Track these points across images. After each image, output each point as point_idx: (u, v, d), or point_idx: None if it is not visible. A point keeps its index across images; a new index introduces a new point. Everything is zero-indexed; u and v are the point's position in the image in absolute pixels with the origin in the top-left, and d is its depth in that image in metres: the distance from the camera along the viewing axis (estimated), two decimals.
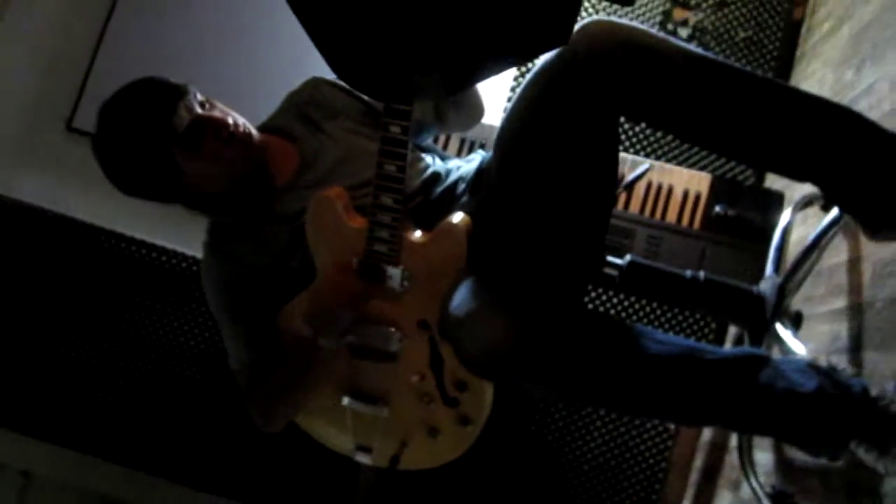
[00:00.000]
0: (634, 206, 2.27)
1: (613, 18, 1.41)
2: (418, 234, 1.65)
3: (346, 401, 1.76)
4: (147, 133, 1.65)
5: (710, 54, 1.43)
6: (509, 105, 1.61)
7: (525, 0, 0.91)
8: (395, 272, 1.63)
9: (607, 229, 1.71)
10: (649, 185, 2.28)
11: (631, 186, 2.20)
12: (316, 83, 1.89)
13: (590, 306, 2.50)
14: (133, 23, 2.81)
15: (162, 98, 1.65)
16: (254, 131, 1.74)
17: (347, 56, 0.98)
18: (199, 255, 2.34)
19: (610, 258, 1.87)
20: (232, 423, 2.50)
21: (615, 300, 2.49)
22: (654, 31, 1.42)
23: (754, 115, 1.41)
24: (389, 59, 0.93)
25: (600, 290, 2.49)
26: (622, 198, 2.26)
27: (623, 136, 2.58)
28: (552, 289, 1.55)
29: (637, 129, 2.58)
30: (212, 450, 2.54)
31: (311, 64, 1.57)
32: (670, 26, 2.67)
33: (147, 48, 2.77)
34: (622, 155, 2.29)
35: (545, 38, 0.94)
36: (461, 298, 1.46)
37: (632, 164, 2.26)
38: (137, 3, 2.82)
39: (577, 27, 1.39)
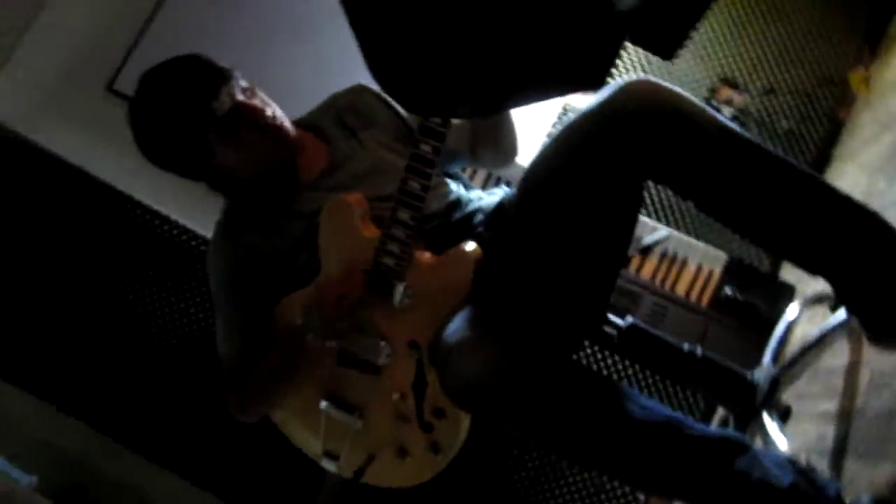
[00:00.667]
0: (646, 272, 2.26)
1: (659, 81, 1.42)
2: (428, 255, 1.65)
3: (323, 404, 1.76)
4: (185, 111, 1.66)
5: (749, 136, 1.43)
6: (542, 149, 1.61)
7: (566, 37, 0.91)
8: (398, 288, 1.63)
9: (614, 288, 1.70)
10: (664, 254, 2.28)
11: (646, 251, 2.20)
12: (360, 90, 1.90)
13: (584, 361, 2.48)
14: None
15: (206, 79, 1.66)
16: (289, 125, 1.75)
17: (390, 66, 0.99)
18: (210, 235, 2.37)
19: (612, 317, 1.86)
20: (210, 410, 2.49)
21: (609, 360, 2.48)
22: (697, 100, 1.42)
23: (780, 201, 1.40)
24: (430, 73, 0.93)
25: (596, 348, 2.48)
26: (635, 260, 2.25)
27: (648, 200, 2.58)
28: (548, 336, 1.54)
29: (663, 195, 2.58)
30: (186, 435, 2.53)
31: (359, 71, 1.59)
32: (714, 103, 2.68)
33: (201, 25, 2.80)
34: (644, 218, 2.29)
35: (581, 77, 0.94)
36: (456, 326, 1.45)
37: (651, 229, 2.26)
38: None
39: (623, 83, 1.40)
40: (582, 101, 2.51)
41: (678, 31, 0.94)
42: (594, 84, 0.97)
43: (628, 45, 1.95)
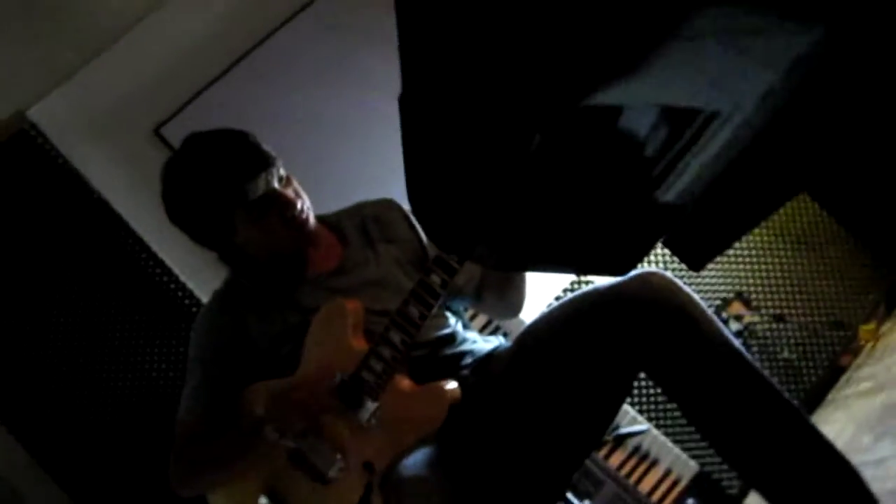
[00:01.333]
0: (615, 460, 2.24)
1: (678, 281, 1.44)
2: (408, 382, 1.64)
3: (262, 500, 1.71)
4: (219, 185, 1.67)
5: (749, 357, 1.43)
6: (547, 311, 1.62)
7: (602, 225, 0.93)
8: (369, 406, 1.61)
9: (580, 467, 1.68)
10: (638, 447, 2.25)
11: (621, 439, 2.18)
12: (390, 205, 1.92)
13: None
14: (263, 71, 2.92)
15: (248, 160, 1.68)
16: (314, 220, 1.77)
17: (428, 193, 1.00)
18: (205, 299, 2.37)
19: (570, 497, 1.83)
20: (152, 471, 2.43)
21: None
22: (709, 310, 1.44)
23: (764, 431, 1.40)
24: (464, 214, 0.95)
25: None
26: (608, 446, 2.23)
27: (636, 390, 2.56)
28: (502, 499, 1.52)
29: (653, 389, 2.56)
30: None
31: (393, 186, 1.62)
32: (724, 315, 2.70)
33: (261, 99, 2.87)
34: (627, 407, 2.28)
35: (607, 263, 0.95)
36: (415, 461, 1.43)
37: (631, 420, 2.24)
38: (276, 58, 2.93)
39: (644, 272, 1.43)
40: (598, 277, 2.54)
41: (714, 247, 0.95)
42: (619, 272, 0.98)
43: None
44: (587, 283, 2.61)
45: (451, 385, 1.60)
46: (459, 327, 1.85)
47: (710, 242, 0.93)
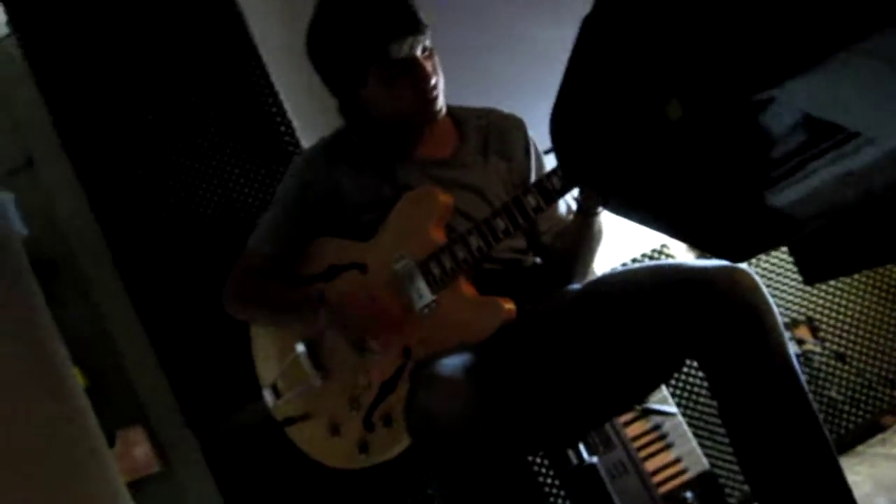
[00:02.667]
0: (633, 430, 2.26)
1: (763, 286, 1.43)
2: (470, 288, 1.66)
3: (300, 347, 1.78)
4: (366, 37, 1.67)
5: (802, 381, 1.43)
6: (627, 268, 1.64)
7: (717, 207, 0.93)
8: (426, 296, 1.65)
9: (602, 424, 1.71)
10: (658, 427, 2.27)
11: (646, 413, 2.19)
12: (518, 124, 1.89)
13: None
14: None
15: (402, 20, 1.67)
16: (442, 101, 1.76)
17: (578, 127, 1.01)
18: (305, 145, 2.39)
19: (581, 446, 1.86)
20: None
21: (551, 484, 2.46)
22: (782, 324, 1.43)
23: (791, 456, 1.41)
24: (598, 151, 0.95)
25: (547, 463, 2.46)
26: (631, 414, 2.25)
27: (679, 374, 2.55)
28: (522, 424, 1.55)
29: (696, 380, 2.55)
30: None
31: (535, 111, 1.63)
32: (788, 334, 2.66)
33: None
34: (663, 386, 2.28)
35: (717, 245, 0.96)
36: (453, 363, 1.47)
37: (663, 399, 2.26)
38: None
39: (732, 266, 1.43)
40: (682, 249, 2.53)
41: (835, 270, 0.94)
42: (733, 258, 0.98)
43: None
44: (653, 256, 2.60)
45: (509, 304, 1.62)
46: (532, 255, 1.86)
47: (833, 264, 0.92)
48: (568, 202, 1.86)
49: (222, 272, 1.93)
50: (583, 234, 1.74)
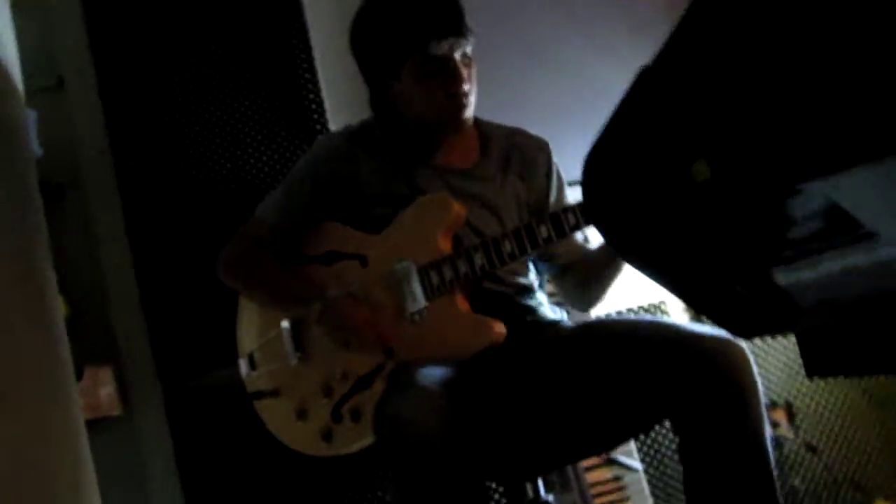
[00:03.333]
0: (593, 477, 2.25)
1: (754, 365, 1.44)
2: (464, 303, 1.66)
3: (284, 324, 1.78)
4: (411, 26, 1.67)
5: (772, 468, 1.43)
6: (628, 318, 1.65)
7: (724, 277, 0.93)
8: (420, 302, 1.65)
9: (565, 464, 1.70)
10: (619, 479, 2.26)
11: (611, 463, 2.19)
12: (542, 147, 1.89)
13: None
14: None
15: (447, 21, 1.67)
16: (470, 112, 1.76)
17: (607, 162, 1.01)
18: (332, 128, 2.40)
19: (539, 482, 1.85)
20: None
21: None
22: (765, 408, 1.43)
23: None
24: (625, 197, 0.95)
25: (502, 491, 2.45)
26: (595, 460, 2.24)
27: (653, 434, 2.54)
28: (488, 448, 1.55)
29: (666, 440, 2.55)
30: None
31: (568, 142, 1.68)
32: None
33: None
34: (632, 446, 2.28)
35: (727, 317, 0.95)
36: (432, 374, 1.47)
37: (628, 452, 2.25)
38: None
39: (727, 339, 1.43)
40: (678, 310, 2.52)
41: (838, 369, 0.94)
42: (738, 333, 0.98)
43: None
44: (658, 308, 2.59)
45: (500, 327, 1.62)
46: (535, 284, 1.86)
47: (837, 363, 0.92)
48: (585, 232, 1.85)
49: (223, 236, 1.92)
50: (606, 264, 1.75)
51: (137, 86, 2.44)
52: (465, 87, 1.71)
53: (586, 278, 1.82)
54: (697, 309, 1.05)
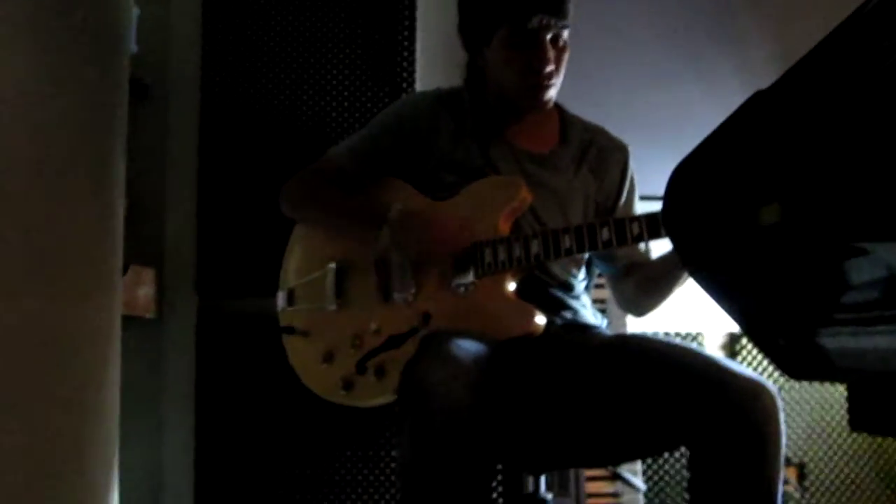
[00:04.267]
0: (594, 487, 2.25)
1: (782, 414, 1.42)
2: (511, 287, 1.66)
3: (331, 266, 1.80)
4: (513, 2, 1.66)
5: None
6: (669, 341, 1.65)
7: (784, 331, 0.92)
8: (469, 277, 1.65)
9: (571, 467, 1.71)
10: (618, 495, 2.26)
11: (615, 478, 2.19)
12: (621, 149, 1.88)
13: None
14: None
15: (553, 2, 1.66)
16: (551, 95, 1.75)
17: (697, 180, 1.01)
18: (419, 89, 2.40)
19: (541, 481, 1.86)
20: None
21: None
22: (783, 457, 1.42)
23: None
24: (706, 219, 0.95)
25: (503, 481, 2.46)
26: (600, 472, 2.24)
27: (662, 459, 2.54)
28: (503, 430, 1.56)
29: (673, 467, 2.54)
30: None
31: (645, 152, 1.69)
32: None
33: None
34: (638, 466, 2.28)
35: (778, 356, 0.95)
36: (467, 347, 1.46)
37: (636, 473, 2.25)
38: None
39: (766, 385, 1.42)
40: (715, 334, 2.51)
41: (883, 430, 0.93)
42: (780, 369, 0.98)
43: None
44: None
45: (541, 319, 1.62)
46: (582, 286, 1.86)
47: (885, 421, 0.91)
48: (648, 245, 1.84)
49: (291, 170, 1.93)
50: (670, 272, 1.73)
51: (239, 8, 2.47)
52: (550, 67, 1.70)
53: (646, 284, 1.81)
54: (752, 339, 1.04)
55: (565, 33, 1.70)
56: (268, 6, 2.48)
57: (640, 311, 1.87)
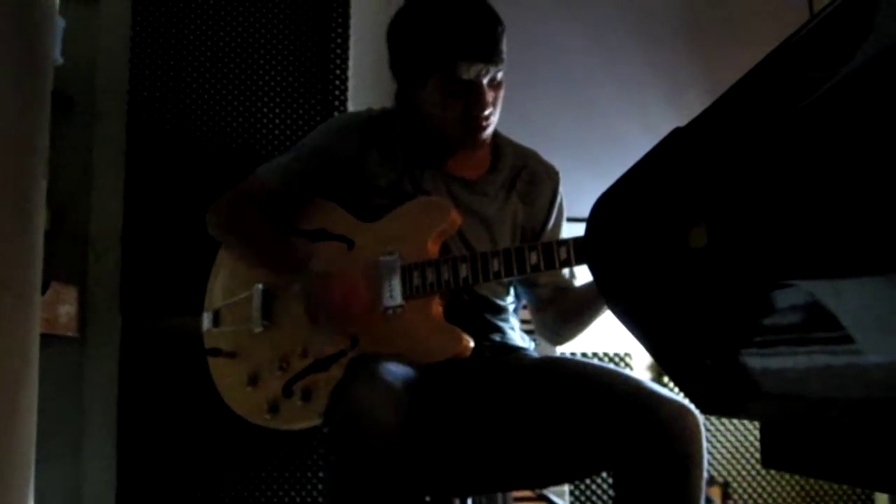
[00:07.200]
0: None
1: (704, 435, 1.44)
2: (439, 310, 1.66)
3: (258, 287, 1.78)
4: (444, 43, 1.65)
5: None
6: (593, 362, 1.67)
7: (708, 353, 0.93)
8: (397, 299, 1.65)
9: (498, 491, 1.71)
10: None
11: (542, 498, 2.19)
12: (551, 176, 1.89)
13: None
14: None
15: (481, 45, 1.65)
16: (489, 132, 1.76)
17: (617, 205, 1.02)
18: (351, 109, 2.40)
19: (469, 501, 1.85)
20: None
21: None
22: (705, 478, 1.44)
23: None
24: (625, 245, 0.96)
25: None
26: (527, 493, 2.24)
27: (588, 482, 2.56)
28: (428, 455, 1.55)
29: (598, 488, 2.56)
30: None
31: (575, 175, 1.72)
32: None
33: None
34: (565, 487, 2.29)
35: (693, 387, 0.96)
36: (395, 371, 1.46)
37: (560, 492, 2.26)
38: None
39: (687, 406, 1.44)
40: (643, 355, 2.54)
41: (794, 467, 0.94)
42: (694, 403, 0.99)
43: None
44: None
45: (467, 341, 1.62)
46: (511, 308, 1.86)
47: (794, 460, 0.92)
48: (573, 269, 1.86)
49: (219, 189, 1.90)
50: (588, 304, 1.75)
51: (170, 21, 2.44)
52: (487, 111, 1.70)
53: (565, 314, 1.82)
54: (666, 370, 1.06)
55: (500, 74, 1.70)
56: (199, 19, 2.46)
57: (559, 339, 1.88)
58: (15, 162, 1.41)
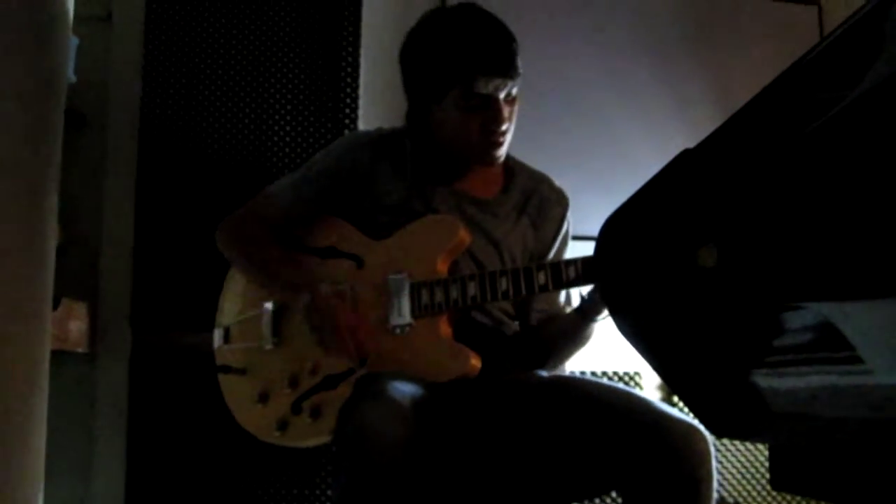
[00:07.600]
0: None
1: (714, 457, 1.43)
2: (447, 329, 1.66)
3: (267, 306, 1.78)
4: (461, 60, 1.66)
5: None
6: (604, 383, 1.67)
7: (719, 373, 0.93)
8: (406, 318, 1.65)
9: None
10: None
11: None
12: (561, 202, 1.90)
13: None
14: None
15: (499, 59, 1.67)
16: (503, 150, 1.76)
17: (625, 226, 1.02)
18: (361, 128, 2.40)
19: None
20: None
21: None
22: (714, 482, 1.43)
23: None
24: (635, 266, 0.96)
25: None
26: None
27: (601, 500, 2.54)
28: (435, 474, 1.55)
29: None
30: None
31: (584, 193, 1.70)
32: None
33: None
34: None
35: (704, 409, 0.96)
36: (404, 389, 1.46)
37: None
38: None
39: (698, 427, 1.43)
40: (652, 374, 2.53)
41: (805, 490, 0.94)
42: (704, 425, 0.99)
43: None
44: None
45: (476, 361, 1.62)
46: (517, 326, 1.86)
47: (805, 482, 0.92)
48: (570, 295, 1.87)
49: (229, 205, 1.91)
50: (573, 332, 1.76)
51: (181, 39, 2.46)
52: (504, 126, 1.71)
53: (551, 341, 1.82)
54: (674, 390, 1.06)
55: (515, 89, 1.71)
56: (210, 37, 2.48)
57: (546, 365, 1.85)
58: (28, 178, 1.42)
